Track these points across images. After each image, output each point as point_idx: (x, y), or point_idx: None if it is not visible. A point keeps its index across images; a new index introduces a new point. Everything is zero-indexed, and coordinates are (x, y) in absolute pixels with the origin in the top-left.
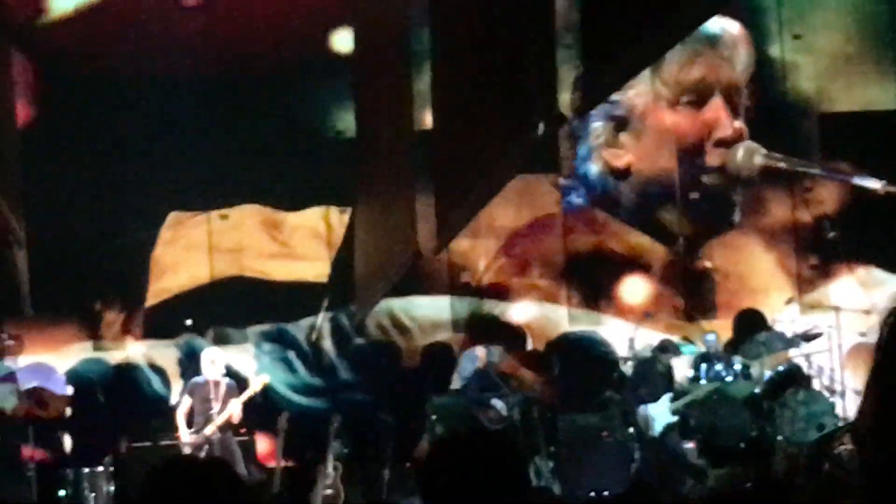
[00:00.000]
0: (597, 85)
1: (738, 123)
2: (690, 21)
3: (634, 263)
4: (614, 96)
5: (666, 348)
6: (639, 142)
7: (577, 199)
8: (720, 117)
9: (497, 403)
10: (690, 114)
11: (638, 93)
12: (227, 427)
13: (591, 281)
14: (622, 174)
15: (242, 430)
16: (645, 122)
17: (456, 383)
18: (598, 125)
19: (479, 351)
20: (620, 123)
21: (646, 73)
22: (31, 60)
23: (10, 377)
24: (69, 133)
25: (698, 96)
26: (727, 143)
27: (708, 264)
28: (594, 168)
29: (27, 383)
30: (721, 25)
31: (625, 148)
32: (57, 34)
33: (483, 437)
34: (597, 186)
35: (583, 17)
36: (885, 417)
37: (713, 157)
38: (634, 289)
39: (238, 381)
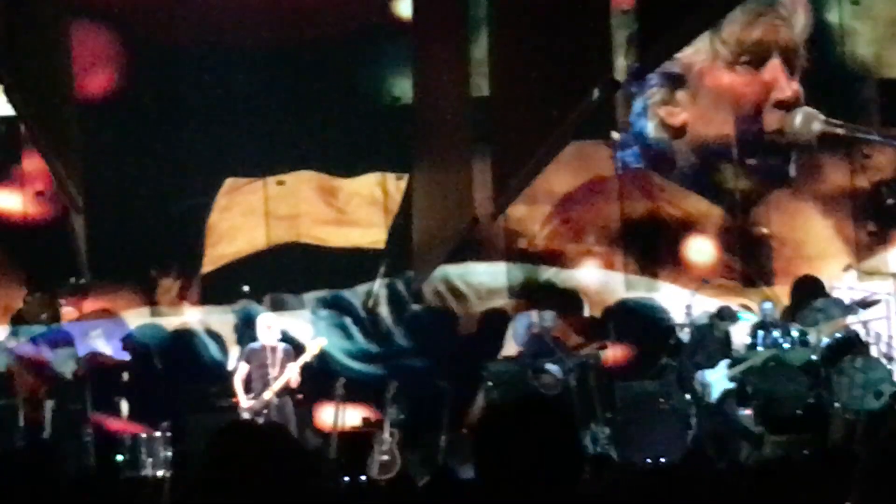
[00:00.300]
0: (653, 49)
1: (796, 86)
2: None
3: (691, 228)
4: None
5: (723, 315)
6: (695, 101)
7: (632, 160)
8: (779, 79)
9: (552, 369)
10: (749, 74)
11: (696, 51)
12: (284, 392)
13: (648, 246)
14: (678, 132)
15: (300, 396)
16: (702, 81)
17: (509, 348)
18: (654, 82)
19: (533, 316)
20: (677, 81)
21: (705, 32)
22: (96, 27)
23: (68, 340)
24: (127, 100)
25: (757, 57)
26: (786, 106)
27: (765, 230)
28: (649, 125)
29: (93, 333)
30: None
31: (681, 106)
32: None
33: (535, 403)
34: (651, 144)
35: None
36: None
37: (771, 120)
38: (692, 254)
39: (294, 347)
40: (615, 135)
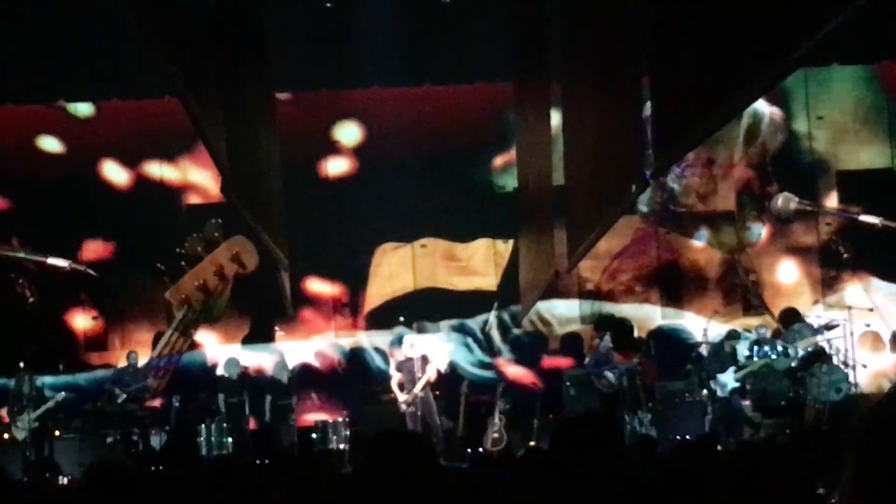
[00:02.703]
0: (670, 152)
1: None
2: (762, 85)
3: (705, 275)
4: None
5: (731, 335)
6: (710, 181)
7: (659, 222)
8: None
9: (609, 375)
10: (749, 165)
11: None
12: (426, 387)
13: (675, 286)
14: (697, 200)
15: (437, 392)
16: (723, 170)
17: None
18: (682, 170)
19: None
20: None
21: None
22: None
23: (281, 356)
24: (317, 187)
25: (759, 155)
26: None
27: (754, 276)
28: (677, 191)
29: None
30: (762, 107)
31: (701, 186)
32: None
33: (590, 418)
34: (676, 207)
35: (660, 86)
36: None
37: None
38: (707, 293)
39: (429, 357)
40: (644, 209)
